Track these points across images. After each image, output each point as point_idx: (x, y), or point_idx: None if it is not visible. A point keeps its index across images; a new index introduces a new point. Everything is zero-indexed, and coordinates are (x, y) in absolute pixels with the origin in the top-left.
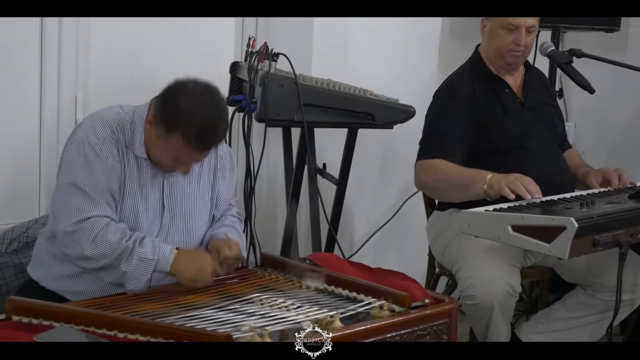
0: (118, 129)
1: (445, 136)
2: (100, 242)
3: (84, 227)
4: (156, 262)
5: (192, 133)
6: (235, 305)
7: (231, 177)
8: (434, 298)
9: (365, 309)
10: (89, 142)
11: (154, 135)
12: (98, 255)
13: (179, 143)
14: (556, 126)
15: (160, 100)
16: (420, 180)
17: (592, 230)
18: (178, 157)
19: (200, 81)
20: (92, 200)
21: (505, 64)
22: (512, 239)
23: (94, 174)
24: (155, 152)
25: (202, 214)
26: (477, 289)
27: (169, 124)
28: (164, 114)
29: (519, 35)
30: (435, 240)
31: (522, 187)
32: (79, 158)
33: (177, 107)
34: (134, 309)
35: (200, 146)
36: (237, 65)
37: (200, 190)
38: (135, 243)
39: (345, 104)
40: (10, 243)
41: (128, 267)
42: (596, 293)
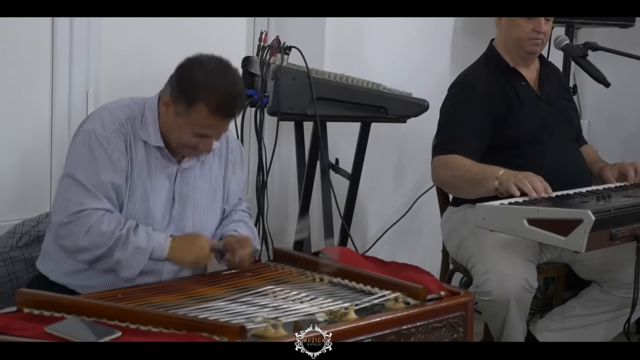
0: (127, 122)
1: (461, 129)
2: (94, 232)
3: (78, 219)
4: (151, 251)
5: (214, 101)
6: (249, 298)
7: (241, 171)
8: (449, 291)
9: (380, 301)
10: (95, 135)
11: (173, 115)
12: (92, 246)
13: (203, 113)
14: (572, 120)
15: (176, 78)
16: (437, 176)
17: (609, 224)
18: (202, 129)
19: (212, 55)
20: (90, 194)
21: (525, 53)
22: (527, 232)
23: (96, 167)
24: (177, 132)
25: (213, 207)
26: (493, 284)
27: (189, 96)
28: (183, 89)
29: (539, 22)
30: (450, 236)
31: (528, 185)
32: (84, 150)
33: (195, 80)
34: (146, 301)
35: (224, 113)
36: (249, 59)
37: (211, 183)
38: (130, 231)
39: (358, 97)
40: (21, 237)
41: (122, 256)
42: (612, 290)
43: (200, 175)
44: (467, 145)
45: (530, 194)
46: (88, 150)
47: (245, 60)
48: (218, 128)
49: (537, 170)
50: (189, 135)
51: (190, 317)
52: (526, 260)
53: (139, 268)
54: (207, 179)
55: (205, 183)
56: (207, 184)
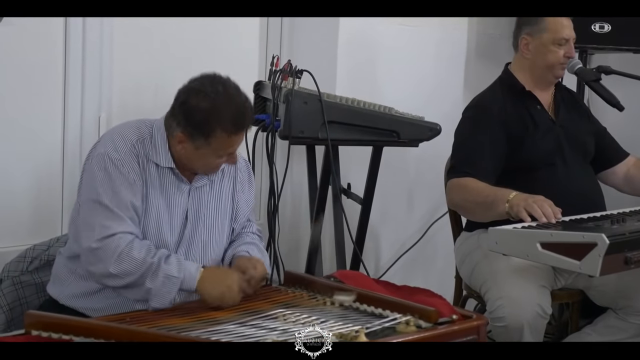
0: (138, 143)
1: (475, 152)
2: (125, 259)
3: (108, 244)
4: (182, 280)
5: (230, 122)
6: (258, 321)
7: (250, 190)
8: (461, 314)
9: (391, 324)
10: (109, 158)
11: (193, 148)
12: (123, 273)
13: (223, 138)
14: (587, 145)
15: (182, 116)
16: (451, 200)
17: (624, 248)
18: (227, 150)
19: (200, 76)
20: (116, 216)
21: (554, 78)
22: (541, 256)
23: (116, 190)
24: (202, 162)
25: (223, 226)
26: (506, 309)
27: (205, 129)
28: (195, 124)
29: (569, 47)
30: (463, 262)
31: (538, 210)
32: (100, 174)
33: (203, 110)
34: (155, 324)
35: (242, 128)
36: (261, 84)
37: (221, 202)
38: (161, 260)
39: (370, 121)
40: (32, 261)
41: (153, 284)
42: (628, 317)
43: (210, 195)
44: (481, 167)
45: (540, 219)
46: (105, 174)
47: (257, 84)
48: (239, 141)
49: (551, 194)
50: (215, 159)
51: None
52: (540, 285)
53: (169, 298)
54: (217, 198)
55: (215, 202)
56: (217, 203)
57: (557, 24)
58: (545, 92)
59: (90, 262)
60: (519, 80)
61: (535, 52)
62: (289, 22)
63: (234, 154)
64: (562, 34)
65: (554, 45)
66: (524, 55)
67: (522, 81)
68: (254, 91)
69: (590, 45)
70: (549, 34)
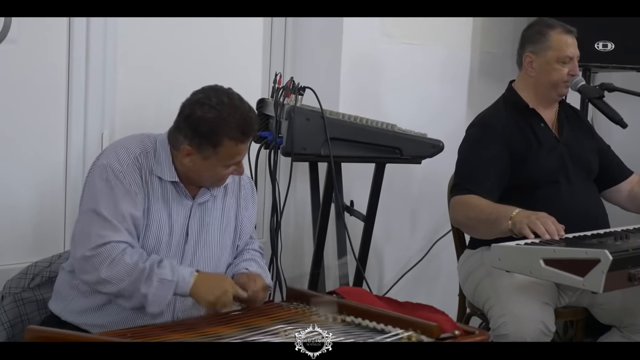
0: (141, 156)
1: (478, 169)
2: (116, 264)
3: (101, 252)
4: (176, 284)
5: (237, 131)
6: (260, 337)
7: (253, 207)
8: (464, 330)
9: (393, 340)
10: (112, 169)
11: (201, 160)
12: (114, 278)
13: (231, 146)
14: (591, 163)
15: (187, 129)
16: (454, 217)
17: (628, 264)
18: (235, 158)
19: (202, 88)
20: (112, 226)
21: (558, 96)
22: (544, 272)
23: (115, 200)
24: (210, 172)
25: (225, 242)
26: (510, 326)
27: (212, 139)
28: (202, 134)
29: (573, 65)
30: (467, 279)
31: (541, 227)
32: (101, 184)
33: (209, 121)
34: (157, 338)
35: (248, 135)
36: (264, 101)
37: (224, 218)
38: (154, 265)
39: (373, 137)
40: (33, 278)
41: (148, 290)
42: (633, 335)
43: (213, 210)
44: (484, 184)
45: (543, 236)
46: (106, 184)
47: (260, 102)
48: (246, 149)
49: (554, 212)
50: (223, 169)
51: None
52: (543, 303)
53: (164, 302)
54: (220, 214)
55: (217, 218)
56: (220, 219)
57: (561, 42)
58: (549, 110)
59: (84, 269)
60: (522, 98)
61: (540, 70)
62: (292, 40)
63: (241, 164)
64: (566, 52)
65: (558, 64)
66: (528, 73)
67: (526, 99)
68: (256, 109)
69: (593, 63)
70: (553, 52)
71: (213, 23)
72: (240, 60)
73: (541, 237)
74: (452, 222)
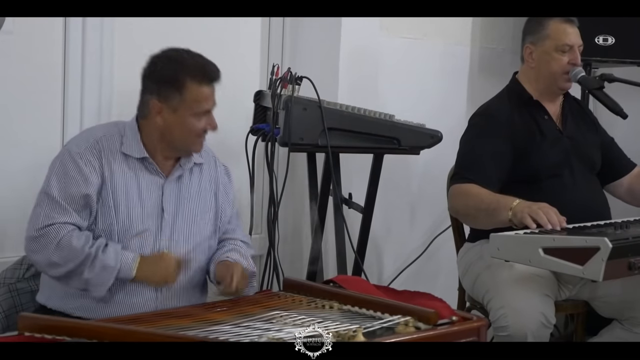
0: (104, 139)
1: (479, 159)
2: (64, 246)
3: (48, 232)
4: (119, 270)
5: (198, 71)
6: (257, 322)
7: (232, 195)
8: (461, 316)
9: (390, 325)
10: (69, 152)
11: (171, 112)
12: (62, 261)
13: (194, 87)
14: (594, 157)
15: (151, 85)
16: (453, 206)
17: (627, 252)
18: (201, 104)
19: (163, 50)
20: (61, 207)
21: (558, 89)
22: (543, 262)
23: (67, 182)
24: (183, 126)
25: (204, 219)
26: (509, 319)
27: (176, 81)
28: (164, 82)
29: (574, 54)
30: (466, 272)
31: (543, 217)
32: (57, 167)
33: (170, 68)
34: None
35: (210, 78)
36: (261, 93)
37: (201, 196)
38: (99, 250)
39: (371, 127)
40: (28, 269)
41: (90, 275)
42: (634, 327)
43: (190, 187)
44: (485, 174)
45: (545, 225)
46: (61, 167)
47: (257, 94)
48: (211, 96)
49: (556, 204)
50: (194, 120)
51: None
52: (543, 295)
53: (106, 286)
54: (197, 190)
55: (195, 194)
56: (198, 195)
57: (559, 31)
58: (554, 102)
59: (33, 249)
60: (526, 89)
61: (539, 60)
62: (290, 34)
63: (212, 116)
64: (564, 40)
65: (557, 52)
66: (529, 65)
67: (530, 91)
68: (254, 101)
69: (593, 58)
70: (551, 41)
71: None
72: (239, 53)
73: (543, 226)
74: (450, 211)
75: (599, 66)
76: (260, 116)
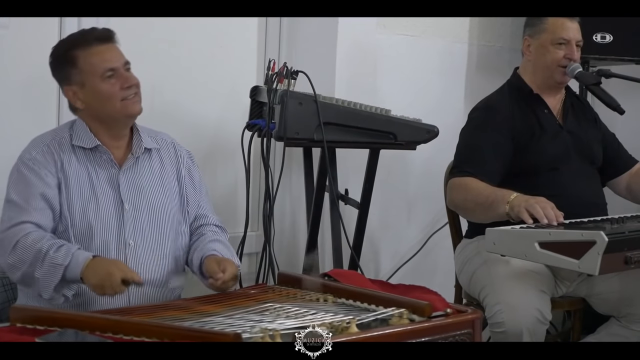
0: (54, 142)
1: (478, 152)
2: (19, 247)
3: (8, 235)
4: (66, 267)
5: (79, 38)
6: (250, 314)
7: (200, 178)
8: (456, 309)
9: (384, 317)
10: (22, 160)
11: (82, 90)
12: (18, 262)
13: (86, 55)
14: (594, 152)
15: (55, 75)
16: (451, 199)
17: (624, 246)
18: (98, 66)
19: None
20: (21, 209)
21: (555, 82)
22: (539, 256)
23: (24, 185)
24: (101, 97)
25: (170, 206)
26: (505, 315)
27: (66, 59)
28: (61, 64)
29: (571, 49)
30: (463, 268)
31: (540, 211)
32: (14, 175)
33: (58, 50)
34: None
35: (94, 37)
36: (257, 89)
37: (164, 182)
38: (50, 249)
39: (367, 122)
40: None
41: (40, 273)
42: (630, 324)
43: (149, 177)
44: (484, 167)
45: (542, 220)
46: (17, 174)
47: (254, 89)
48: (110, 54)
49: (554, 199)
50: (104, 85)
51: (184, 326)
52: (539, 290)
53: (52, 286)
54: (157, 178)
55: (153, 183)
56: (157, 184)
57: (556, 25)
58: (554, 97)
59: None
60: (526, 83)
61: (536, 52)
62: (287, 30)
63: (122, 72)
64: (561, 34)
65: (553, 46)
66: (527, 57)
67: (530, 84)
68: (250, 96)
69: (592, 55)
70: (548, 34)
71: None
72: (236, 49)
73: (539, 221)
74: (449, 205)
75: (597, 64)
76: (256, 111)
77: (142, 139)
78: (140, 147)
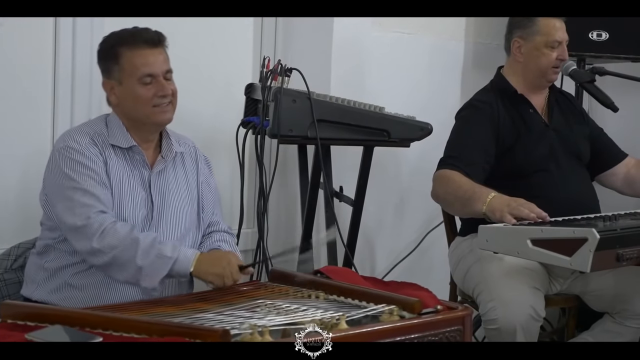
0: (96, 135)
1: (465, 148)
2: (108, 233)
3: (92, 222)
4: (175, 261)
5: (128, 37)
6: (241, 311)
7: (214, 184)
8: (446, 306)
9: (374, 314)
10: (72, 148)
11: (119, 87)
12: (107, 247)
13: (128, 54)
14: (581, 148)
15: (100, 65)
16: (434, 191)
17: (615, 244)
18: (143, 69)
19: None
20: (94, 197)
21: (547, 82)
22: (531, 253)
23: (88, 173)
24: (136, 97)
25: (191, 212)
26: (498, 312)
27: (110, 55)
28: (104, 59)
29: (562, 50)
30: (457, 266)
31: (525, 210)
32: (67, 162)
33: (105, 42)
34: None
35: (143, 40)
36: (252, 86)
37: (188, 188)
38: (155, 240)
39: (360, 119)
40: (16, 259)
41: (144, 262)
42: (625, 320)
43: (175, 180)
44: (469, 162)
45: (528, 217)
46: (71, 161)
47: (248, 87)
48: (151, 59)
49: (546, 199)
50: (140, 88)
51: (173, 322)
52: (533, 287)
53: (159, 277)
54: (183, 183)
55: (180, 188)
56: (184, 188)
57: (549, 27)
58: (538, 95)
59: (77, 239)
60: (511, 84)
61: (528, 55)
62: (282, 29)
63: (160, 79)
64: (554, 37)
65: (547, 48)
66: (516, 59)
67: (515, 85)
68: (245, 94)
69: (587, 53)
70: (542, 37)
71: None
72: (231, 47)
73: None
74: (432, 196)
75: (593, 62)
76: (251, 109)
77: (172, 143)
78: (172, 151)
